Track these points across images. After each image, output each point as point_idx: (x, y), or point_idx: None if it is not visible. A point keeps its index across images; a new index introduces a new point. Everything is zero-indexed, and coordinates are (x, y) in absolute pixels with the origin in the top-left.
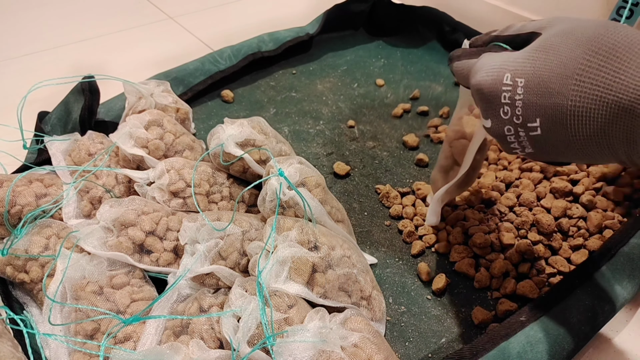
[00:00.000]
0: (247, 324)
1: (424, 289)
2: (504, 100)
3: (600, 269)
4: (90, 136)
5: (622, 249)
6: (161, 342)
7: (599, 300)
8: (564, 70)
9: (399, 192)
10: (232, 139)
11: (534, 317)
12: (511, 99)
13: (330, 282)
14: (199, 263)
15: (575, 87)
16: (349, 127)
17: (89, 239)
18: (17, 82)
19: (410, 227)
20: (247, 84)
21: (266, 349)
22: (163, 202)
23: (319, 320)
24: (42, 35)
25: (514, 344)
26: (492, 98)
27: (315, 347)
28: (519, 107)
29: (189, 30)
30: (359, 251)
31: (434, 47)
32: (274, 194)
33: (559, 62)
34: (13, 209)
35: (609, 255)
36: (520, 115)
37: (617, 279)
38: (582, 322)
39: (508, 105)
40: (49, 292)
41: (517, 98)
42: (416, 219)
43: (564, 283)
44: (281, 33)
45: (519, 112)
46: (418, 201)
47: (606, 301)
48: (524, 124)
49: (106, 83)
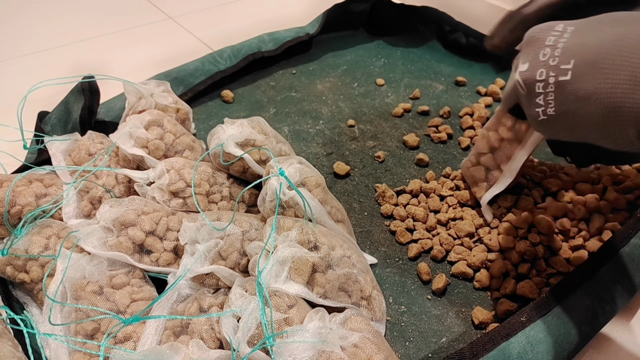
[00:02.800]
0: (247, 324)
1: (424, 289)
2: (548, 43)
3: (601, 269)
4: (90, 136)
5: (623, 249)
6: (161, 342)
7: (599, 300)
8: (616, 23)
9: (396, 191)
10: (232, 139)
11: (535, 317)
12: (555, 42)
13: (330, 282)
14: (199, 263)
15: (619, 42)
16: (349, 127)
17: (89, 239)
18: (17, 82)
19: (402, 227)
20: (247, 84)
21: (266, 349)
22: (163, 202)
23: (318, 320)
24: (42, 35)
25: (515, 344)
26: (539, 40)
27: (315, 347)
28: (559, 49)
29: (189, 30)
30: (359, 251)
31: (434, 46)
32: (274, 194)
33: (613, 18)
34: (13, 209)
35: (610, 255)
36: (557, 56)
37: (618, 279)
38: (582, 323)
39: (550, 47)
40: (49, 292)
41: (561, 41)
42: (408, 221)
43: (564, 283)
44: (281, 33)
45: (557, 53)
46: (413, 200)
47: (607, 301)
48: (557, 66)
49: (106, 83)
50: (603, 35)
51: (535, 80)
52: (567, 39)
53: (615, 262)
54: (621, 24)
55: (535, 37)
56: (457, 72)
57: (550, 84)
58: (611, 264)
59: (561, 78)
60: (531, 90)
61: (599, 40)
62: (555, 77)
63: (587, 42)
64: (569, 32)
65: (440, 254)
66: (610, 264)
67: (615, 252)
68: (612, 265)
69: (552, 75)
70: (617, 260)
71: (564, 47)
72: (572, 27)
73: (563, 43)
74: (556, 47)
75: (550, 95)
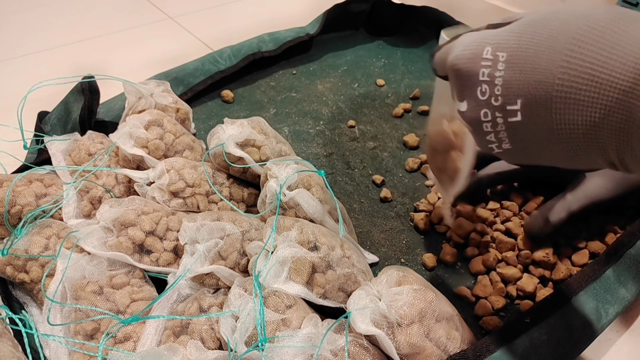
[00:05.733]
0: (244, 324)
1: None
2: (482, 78)
3: (606, 271)
4: (90, 136)
5: (628, 251)
6: (161, 342)
7: (603, 302)
8: (553, 43)
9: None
10: (232, 139)
11: (538, 319)
12: (490, 75)
13: (330, 283)
14: (199, 263)
15: (564, 64)
16: (349, 127)
17: (89, 239)
18: (17, 82)
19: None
20: (247, 84)
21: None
22: (163, 202)
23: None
24: (42, 35)
25: (518, 346)
26: (470, 75)
27: (305, 352)
28: (499, 86)
29: (189, 30)
30: (359, 251)
31: (434, 46)
32: (274, 195)
33: (547, 36)
34: (13, 209)
35: (615, 257)
36: (499, 95)
37: (622, 282)
38: (586, 325)
39: (486, 84)
40: (49, 292)
41: (497, 75)
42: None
43: (569, 285)
44: (281, 33)
45: (498, 91)
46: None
47: (610, 304)
48: (503, 107)
49: (106, 83)
50: (545, 64)
51: (481, 121)
52: (504, 71)
53: (621, 264)
54: (556, 45)
55: (464, 70)
56: None
57: (500, 124)
58: (617, 266)
59: (511, 119)
60: (478, 129)
61: (542, 74)
62: (504, 118)
63: (528, 77)
64: (502, 60)
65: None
66: (616, 266)
67: (621, 254)
68: (617, 267)
69: (500, 116)
70: (623, 262)
71: (503, 83)
72: (502, 52)
73: (501, 78)
74: (494, 82)
75: (502, 133)
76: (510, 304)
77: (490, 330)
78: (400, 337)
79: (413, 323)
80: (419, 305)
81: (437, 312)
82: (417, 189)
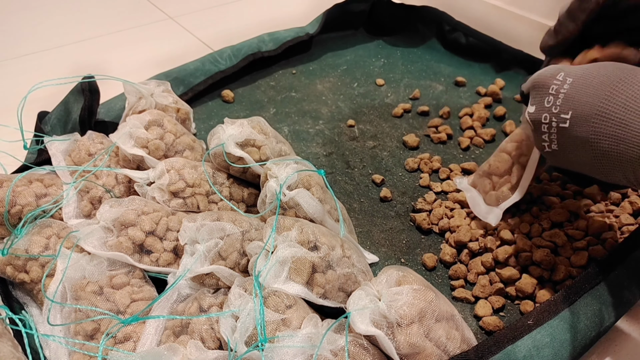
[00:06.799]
0: (244, 324)
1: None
2: (551, 91)
3: (610, 274)
4: (90, 136)
5: (633, 254)
6: (161, 342)
7: (606, 305)
8: (600, 85)
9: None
10: (232, 139)
11: (541, 321)
12: (557, 91)
13: (330, 283)
14: (199, 263)
15: (606, 94)
16: (349, 127)
17: (89, 239)
18: (17, 82)
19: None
20: (247, 84)
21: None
22: (163, 202)
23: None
24: (42, 35)
25: (520, 348)
26: (543, 87)
27: (305, 352)
28: (560, 99)
29: (189, 30)
30: (359, 251)
31: (434, 46)
32: (274, 195)
33: (604, 73)
34: (13, 209)
35: (620, 259)
36: (558, 105)
37: (626, 285)
38: (589, 328)
39: (552, 96)
40: (49, 292)
41: (561, 91)
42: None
43: (573, 287)
44: (281, 33)
45: (559, 102)
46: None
47: (614, 307)
48: (558, 114)
49: (106, 83)
50: (595, 92)
51: (541, 122)
52: (567, 90)
53: (625, 267)
54: (609, 81)
55: (541, 83)
56: (456, 72)
57: (553, 127)
58: (621, 269)
59: (561, 125)
60: (538, 128)
61: (590, 98)
62: (557, 122)
63: (582, 98)
64: (568, 83)
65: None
66: (621, 268)
67: (626, 257)
68: (622, 269)
69: (555, 121)
70: (628, 265)
71: (564, 98)
72: (570, 78)
73: (563, 94)
74: (558, 96)
75: (553, 135)
76: (510, 304)
77: (490, 331)
78: (400, 337)
79: (413, 323)
80: (418, 305)
81: (437, 312)
82: (417, 188)
